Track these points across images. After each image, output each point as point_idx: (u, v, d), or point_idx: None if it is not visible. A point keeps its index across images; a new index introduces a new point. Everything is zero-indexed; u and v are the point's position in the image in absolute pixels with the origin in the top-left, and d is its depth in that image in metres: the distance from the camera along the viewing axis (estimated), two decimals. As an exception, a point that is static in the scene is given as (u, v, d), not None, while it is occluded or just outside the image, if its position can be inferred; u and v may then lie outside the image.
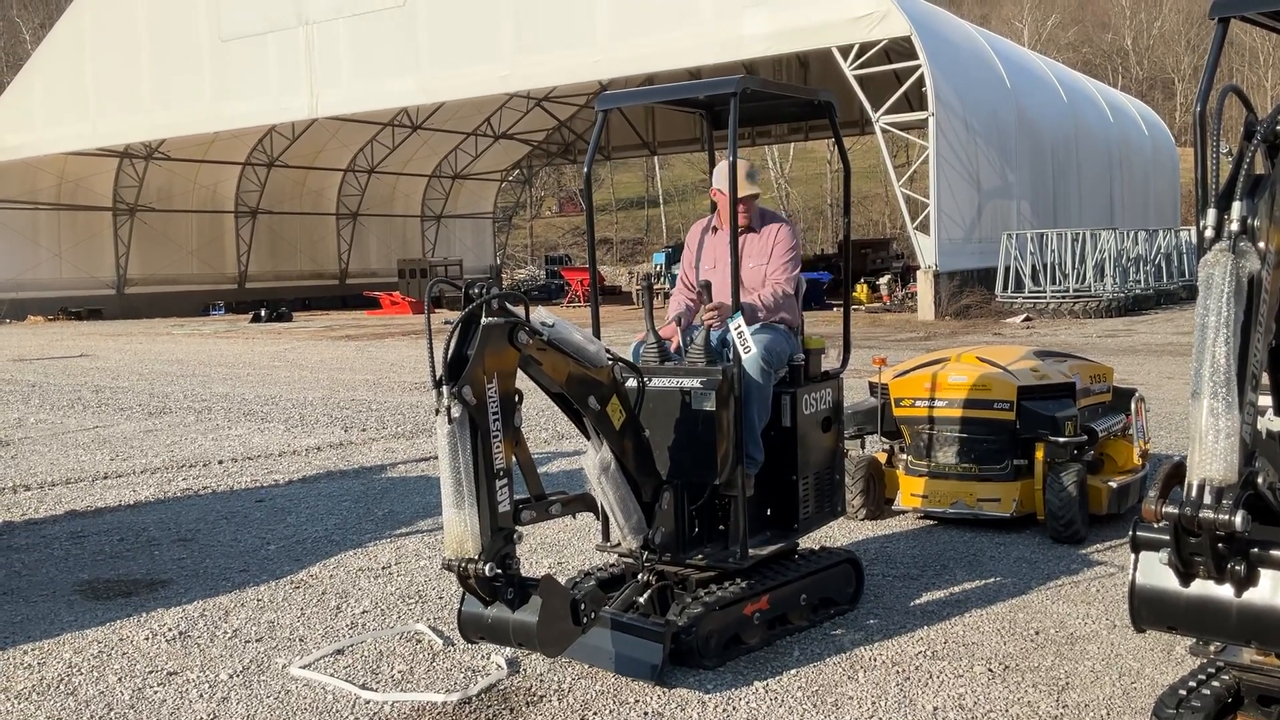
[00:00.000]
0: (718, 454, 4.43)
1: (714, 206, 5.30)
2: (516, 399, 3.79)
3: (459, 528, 3.59)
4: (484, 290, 3.67)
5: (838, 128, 5.36)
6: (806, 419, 4.87)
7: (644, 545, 4.36)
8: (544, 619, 3.68)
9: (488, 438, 3.62)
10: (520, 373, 3.83)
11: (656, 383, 4.51)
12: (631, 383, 4.36)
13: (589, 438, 4.25)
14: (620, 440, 4.22)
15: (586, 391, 4.10)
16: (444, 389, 3.54)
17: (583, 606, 3.84)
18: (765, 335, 4.79)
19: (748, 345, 4.56)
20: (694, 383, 4.48)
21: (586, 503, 4.30)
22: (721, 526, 4.68)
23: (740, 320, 4.57)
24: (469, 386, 3.57)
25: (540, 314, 3.92)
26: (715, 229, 5.22)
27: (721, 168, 4.98)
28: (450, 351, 3.64)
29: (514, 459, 3.77)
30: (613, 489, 4.24)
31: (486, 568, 3.59)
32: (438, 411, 3.55)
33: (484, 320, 3.65)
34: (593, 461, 4.21)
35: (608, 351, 4.17)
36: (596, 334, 4.42)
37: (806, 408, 4.87)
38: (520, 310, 3.80)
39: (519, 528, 3.73)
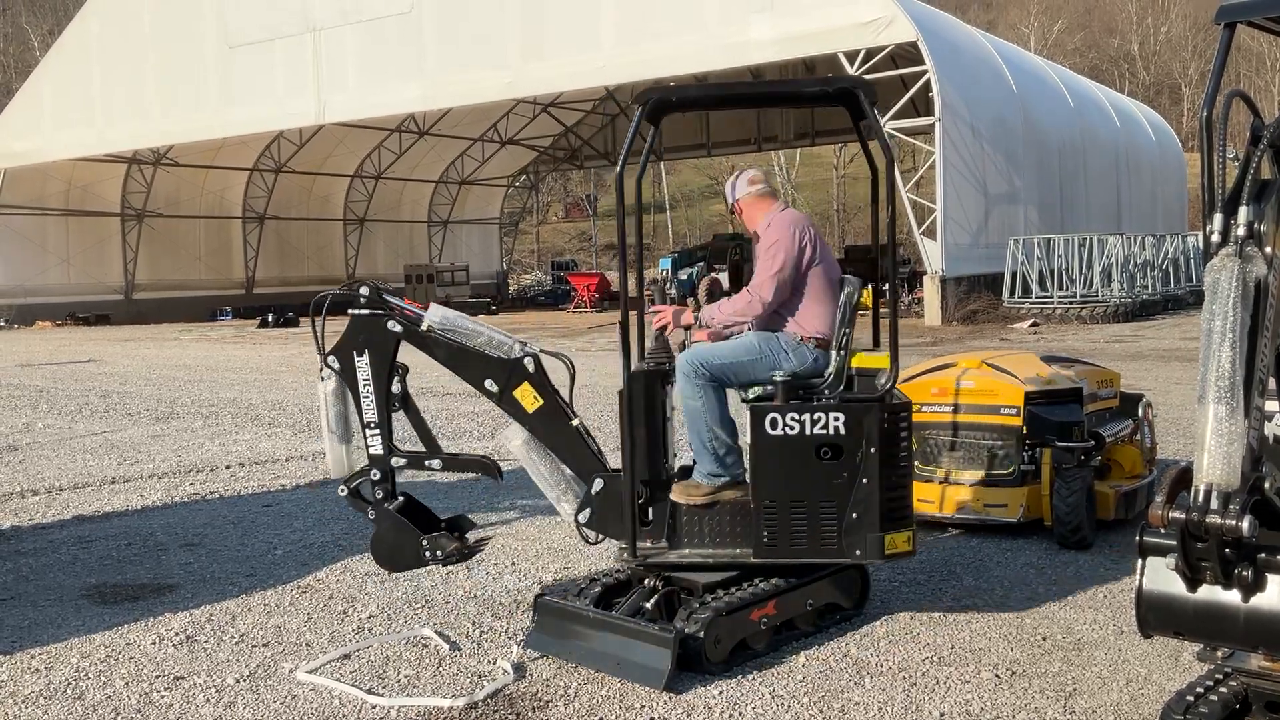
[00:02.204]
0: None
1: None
2: (400, 372, 5.14)
3: (330, 457, 5.19)
4: (371, 292, 4.99)
5: (874, 115, 4.67)
6: (774, 440, 4.42)
7: (575, 514, 4.69)
8: (374, 538, 5.03)
9: (356, 397, 5.03)
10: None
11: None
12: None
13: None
14: (535, 423, 4.74)
15: (478, 375, 4.91)
16: (322, 359, 5.00)
17: (423, 543, 4.92)
18: (729, 342, 4.80)
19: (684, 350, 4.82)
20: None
21: (479, 466, 5.15)
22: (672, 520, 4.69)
23: (695, 325, 4.90)
24: (333, 357, 5.00)
25: (434, 311, 5.02)
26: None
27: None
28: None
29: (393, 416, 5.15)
30: (538, 460, 4.73)
31: (341, 489, 5.09)
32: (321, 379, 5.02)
33: (351, 312, 5.00)
34: (512, 436, 4.79)
35: (523, 344, 4.81)
36: (639, 344, 4.93)
37: (777, 428, 4.43)
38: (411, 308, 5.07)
39: (395, 464, 5.10)
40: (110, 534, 6.94)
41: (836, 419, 4.40)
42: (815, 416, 4.42)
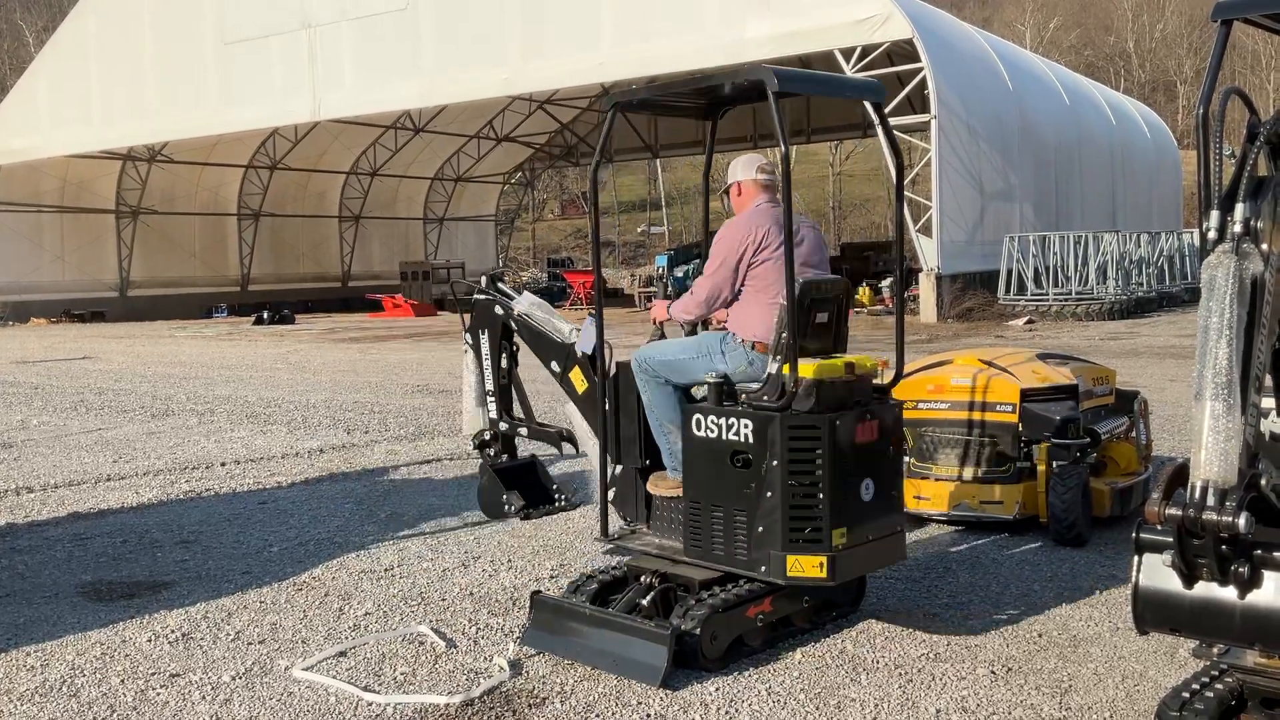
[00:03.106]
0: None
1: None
2: (513, 348, 6.57)
3: (465, 416, 6.84)
4: (486, 281, 6.50)
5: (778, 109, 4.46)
6: (699, 442, 4.43)
7: (604, 493, 5.00)
8: (479, 488, 6.88)
9: (480, 367, 6.59)
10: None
11: None
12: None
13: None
14: (582, 404, 5.43)
15: (546, 356, 5.78)
16: (464, 335, 6.65)
17: (504, 498, 6.66)
18: (673, 340, 4.88)
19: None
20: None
21: (554, 439, 6.50)
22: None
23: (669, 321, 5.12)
24: (468, 334, 6.63)
25: (523, 299, 6.18)
26: None
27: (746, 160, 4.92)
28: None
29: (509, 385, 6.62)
30: (587, 438, 5.41)
31: (471, 441, 6.89)
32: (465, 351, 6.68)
33: (475, 297, 6.55)
34: (571, 413, 5.57)
35: (575, 329, 5.56)
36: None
37: (701, 429, 4.42)
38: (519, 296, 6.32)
39: (501, 428, 6.77)
40: (105, 531, 6.93)
41: (746, 426, 4.29)
42: (729, 422, 4.34)
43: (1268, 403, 3.16)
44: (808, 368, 4.28)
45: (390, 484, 8.20)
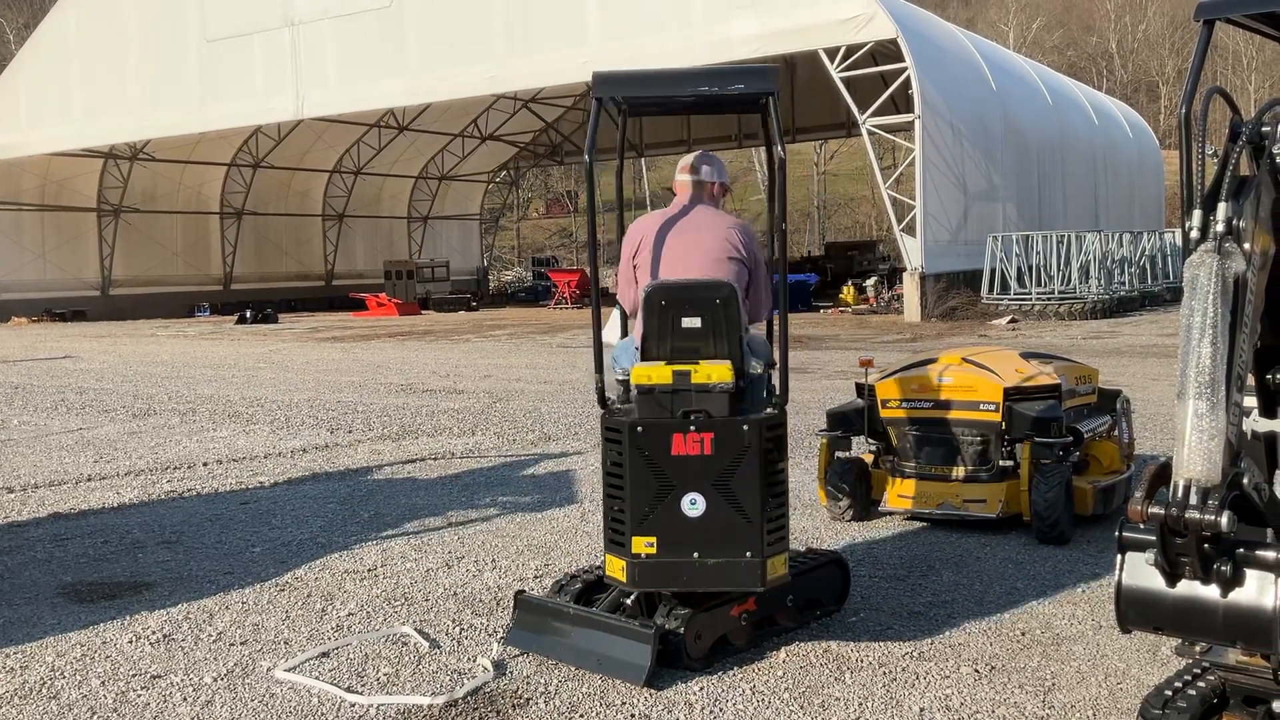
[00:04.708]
0: None
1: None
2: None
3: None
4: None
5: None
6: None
7: None
8: None
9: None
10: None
11: None
12: None
13: None
14: None
15: None
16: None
17: None
18: (630, 338, 4.84)
19: None
20: None
21: None
22: None
23: None
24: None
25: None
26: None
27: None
28: None
29: None
30: None
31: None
32: None
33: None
34: None
35: None
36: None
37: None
38: None
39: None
40: (86, 532, 6.88)
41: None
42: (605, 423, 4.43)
43: (1250, 401, 3.17)
44: (637, 372, 4.29)
45: (374, 484, 8.18)
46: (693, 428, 4.19)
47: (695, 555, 4.21)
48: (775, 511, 4.27)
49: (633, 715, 3.91)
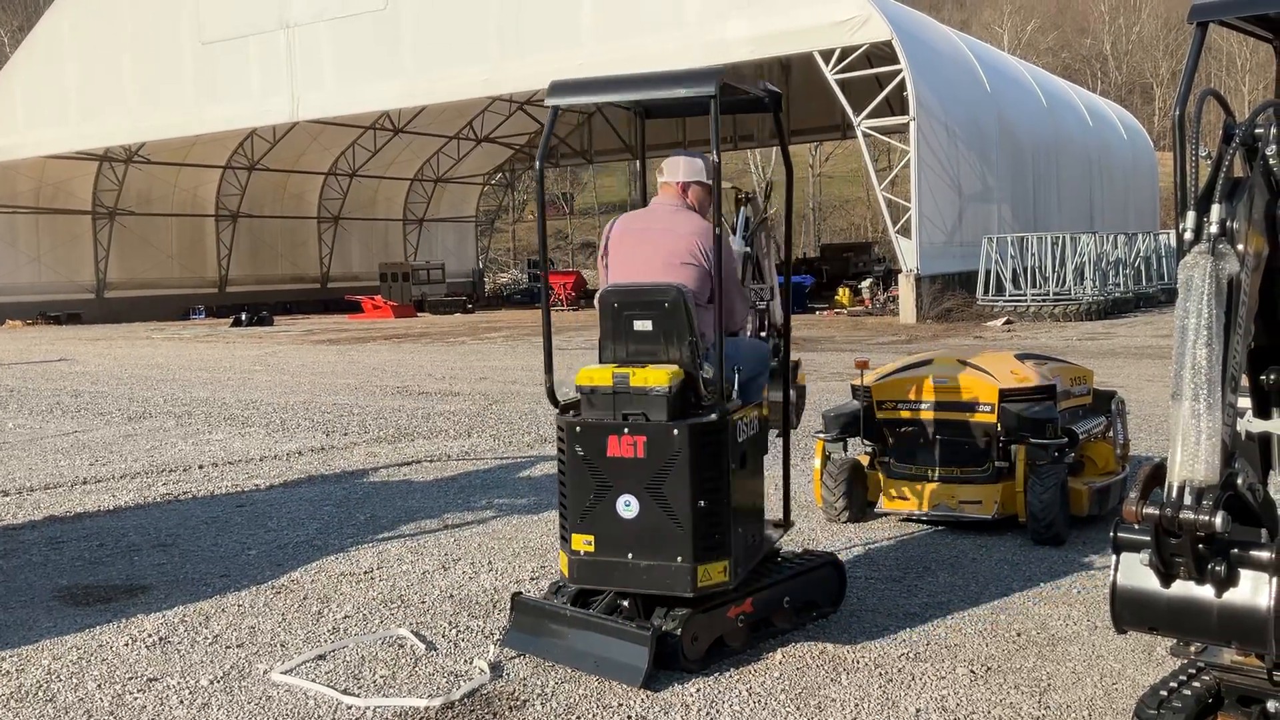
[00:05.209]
0: None
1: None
2: None
3: None
4: None
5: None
6: None
7: None
8: None
9: None
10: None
11: None
12: None
13: None
14: None
15: None
16: None
17: None
18: None
19: None
20: None
21: None
22: None
23: None
24: None
25: None
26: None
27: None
28: None
29: None
30: None
31: None
32: None
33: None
34: None
35: None
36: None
37: None
38: None
39: None
40: (82, 535, 6.87)
41: None
42: None
43: (1244, 402, 3.18)
44: (582, 374, 4.37)
45: (370, 486, 8.17)
46: (626, 430, 4.22)
47: (629, 556, 4.26)
48: (711, 518, 4.21)
49: (630, 717, 3.91)
